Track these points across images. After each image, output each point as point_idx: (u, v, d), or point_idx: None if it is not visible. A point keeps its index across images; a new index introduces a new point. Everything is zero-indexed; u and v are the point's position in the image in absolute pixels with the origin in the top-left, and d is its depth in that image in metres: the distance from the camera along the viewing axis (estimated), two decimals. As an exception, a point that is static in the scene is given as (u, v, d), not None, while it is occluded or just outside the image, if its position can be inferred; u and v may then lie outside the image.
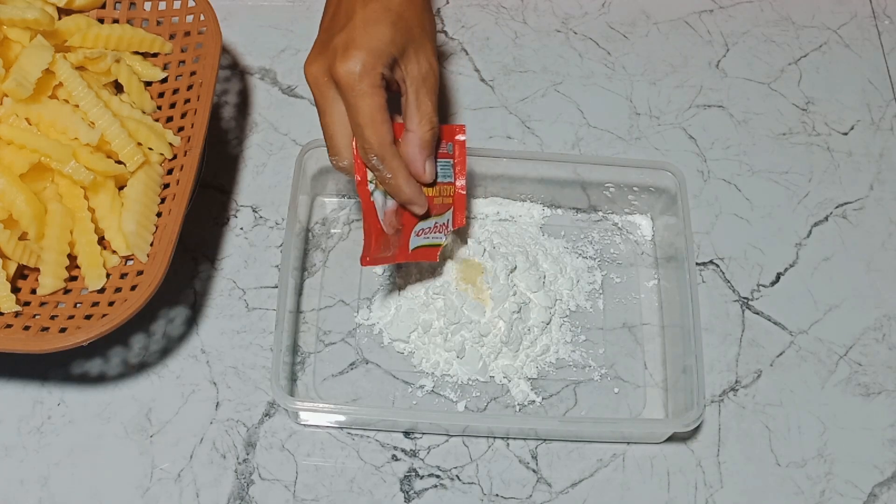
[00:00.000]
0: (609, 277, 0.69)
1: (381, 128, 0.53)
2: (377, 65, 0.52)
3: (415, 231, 0.59)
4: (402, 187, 0.56)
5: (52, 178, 0.61)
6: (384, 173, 0.55)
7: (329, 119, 0.55)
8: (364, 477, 0.61)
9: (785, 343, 0.67)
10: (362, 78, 0.52)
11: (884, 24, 0.83)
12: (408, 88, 0.55)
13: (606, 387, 0.65)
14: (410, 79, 0.55)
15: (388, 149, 0.54)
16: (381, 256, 0.58)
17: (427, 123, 0.56)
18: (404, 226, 0.59)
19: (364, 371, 0.65)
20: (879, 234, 0.72)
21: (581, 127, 0.76)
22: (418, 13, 0.56)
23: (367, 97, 0.52)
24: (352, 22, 0.53)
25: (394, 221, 0.59)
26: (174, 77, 0.67)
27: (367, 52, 0.52)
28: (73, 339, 0.54)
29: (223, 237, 0.69)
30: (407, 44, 0.54)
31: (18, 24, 0.61)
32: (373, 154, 0.54)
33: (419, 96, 0.55)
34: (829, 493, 0.62)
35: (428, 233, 0.59)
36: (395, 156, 0.55)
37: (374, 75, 0.52)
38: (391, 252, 0.58)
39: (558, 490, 0.61)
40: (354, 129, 0.54)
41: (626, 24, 0.81)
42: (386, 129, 0.53)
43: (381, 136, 0.53)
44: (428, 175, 0.57)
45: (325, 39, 0.55)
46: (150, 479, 0.60)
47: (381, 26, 0.53)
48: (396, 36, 0.53)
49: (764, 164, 0.75)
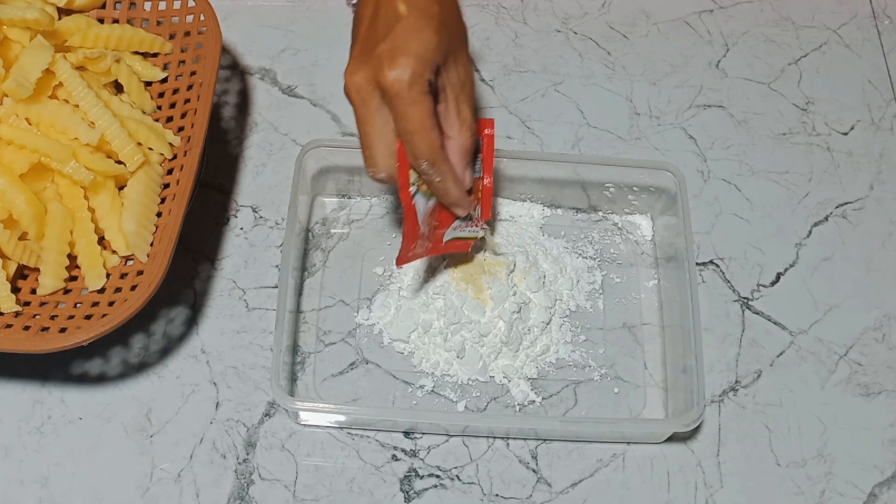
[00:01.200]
0: (609, 277, 0.69)
1: (431, 133, 0.53)
2: (425, 72, 0.52)
3: (452, 226, 0.60)
4: (450, 190, 0.57)
5: (52, 178, 0.61)
6: (433, 177, 0.55)
7: (370, 128, 0.54)
8: (364, 477, 0.61)
9: (785, 343, 0.67)
10: (412, 85, 0.51)
11: (884, 24, 0.83)
12: (448, 96, 0.55)
13: (606, 387, 0.65)
14: (451, 86, 0.55)
15: (439, 153, 0.54)
16: (415, 254, 0.59)
17: (468, 130, 0.56)
18: (440, 223, 0.60)
19: (364, 371, 0.65)
20: (879, 234, 0.72)
21: (581, 127, 0.76)
22: (456, 21, 0.56)
23: (417, 104, 0.52)
24: (395, 30, 0.53)
25: (431, 221, 0.59)
26: (174, 77, 0.67)
27: (415, 59, 0.52)
28: (73, 339, 0.54)
29: (223, 237, 0.69)
30: (448, 51, 0.54)
31: (18, 24, 0.61)
32: (424, 160, 0.54)
33: (459, 103, 0.56)
34: (829, 493, 0.62)
35: (464, 227, 0.60)
36: (445, 160, 0.55)
37: (423, 82, 0.52)
38: (424, 247, 0.59)
39: (558, 490, 0.61)
40: (404, 136, 0.53)
41: (626, 24, 0.81)
42: (435, 134, 0.54)
43: (432, 141, 0.53)
44: (467, 182, 0.58)
45: (366, 48, 0.54)
46: (150, 479, 0.60)
47: (426, 33, 0.52)
48: (441, 43, 0.53)
49: (764, 164, 0.75)
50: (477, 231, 0.60)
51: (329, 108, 0.75)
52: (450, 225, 0.60)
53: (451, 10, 0.56)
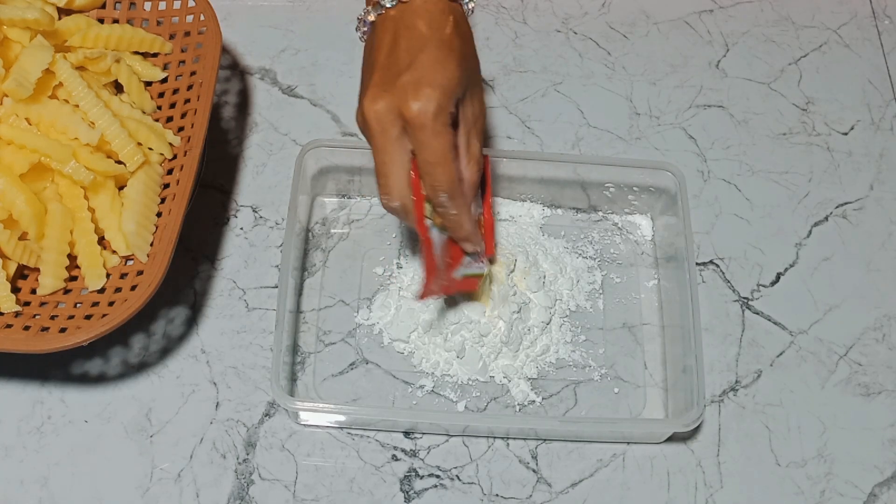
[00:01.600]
0: (609, 277, 0.69)
1: (451, 166, 0.53)
2: (449, 104, 0.52)
3: (462, 262, 0.59)
4: (464, 224, 0.56)
5: (52, 178, 0.61)
6: (450, 210, 0.55)
7: (388, 158, 0.53)
8: (364, 477, 0.61)
9: (785, 343, 0.67)
10: (436, 117, 0.51)
11: (884, 24, 0.83)
12: (461, 130, 0.55)
13: (606, 387, 0.65)
14: (465, 120, 0.55)
15: (458, 186, 0.54)
16: (433, 289, 0.59)
17: (475, 165, 0.56)
18: (453, 260, 0.59)
19: (364, 371, 0.65)
20: (879, 234, 0.72)
21: (581, 127, 0.76)
22: (473, 55, 0.56)
23: (441, 136, 0.52)
24: (418, 60, 0.52)
25: (445, 256, 0.59)
26: (174, 77, 0.67)
27: (440, 91, 0.51)
28: (73, 339, 0.54)
29: (223, 237, 0.69)
30: (468, 85, 0.54)
31: (18, 24, 0.61)
32: (443, 192, 0.54)
33: (469, 138, 0.55)
34: (829, 493, 0.62)
35: (471, 264, 0.59)
36: (462, 193, 0.55)
37: (446, 114, 0.52)
38: (441, 285, 0.59)
39: (558, 490, 0.61)
40: (425, 167, 0.53)
41: (626, 24, 0.81)
42: (455, 167, 0.53)
43: (451, 174, 0.53)
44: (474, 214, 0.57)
45: (387, 78, 0.53)
46: (150, 479, 0.60)
47: (450, 66, 0.52)
48: (462, 76, 0.53)
49: (764, 164, 0.75)
50: (483, 268, 0.60)
51: (329, 108, 0.75)
52: (459, 261, 0.59)
53: (470, 45, 0.56)
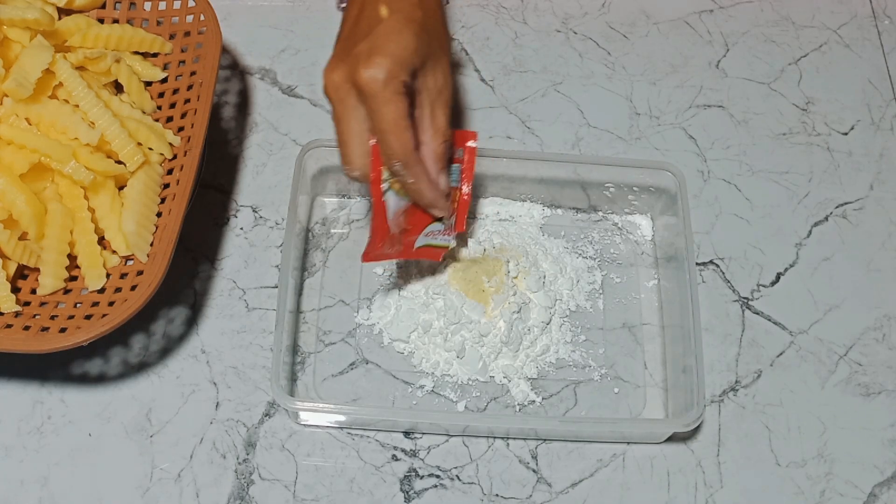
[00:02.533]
0: (609, 277, 0.69)
1: (404, 134, 0.53)
2: (400, 72, 0.52)
3: (424, 232, 0.59)
4: (423, 191, 0.57)
5: (52, 178, 0.61)
6: (407, 178, 0.56)
7: (346, 127, 0.55)
8: (364, 477, 0.61)
9: (785, 343, 0.67)
10: (386, 84, 0.52)
11: (884, 24, 0.83)
12: (423, 101, 0.55)
13: (606, 387, 0.65)
14: (427, 91, 0.55)
15: (412, 155, 0.55)
16: (383, 253, 0.59)
17: (440, 136, 0.56)
18: (412, 226, 0.60)
19: (364, 371, 0.65)
20: (879, 234, 0.72)
21: (581, 127, 0.76)
22: (438, 28, 0.57)
23: (391, 104, 0.52)
24: (375, 31, 0.53)
25: (401, 222, 0.60)
26: (174, 77, 0.67)
27: (391, 60, 0.52)
28: (73, 339, 0.54)
29: (223, 237, 0.69)
30: (427, 56, 0.54)
31: (18, 24, 0.61)
32: (396, 160, 0.54)
33: (434, 109, 0.56)
34: (829, 493, 0.62)
35: (437, 235, 0.60)
36: (418, 161, 0.56)
37: (397, 83, 0.52)
38: (394, 249, 0.59)
39: (558, 490, 0.61)
40: (378, 135, 0.54)
41: (626, 24, 0.81)
42: (409, 135, 0.54)
43: (405, 142, 0.54)
44: (443, 185, 0.58)
45: (345, 48, 0.55)
46: (150, 479, 0.60)
47: (405, 35, 0.53)
48: (419, 46, 0.53)
49: (764, 164, 0.75)
50: (449, 240, 0.60)
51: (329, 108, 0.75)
52: (422, 230, 0.59)
53: (435, 17, 0.56)
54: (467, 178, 0.61)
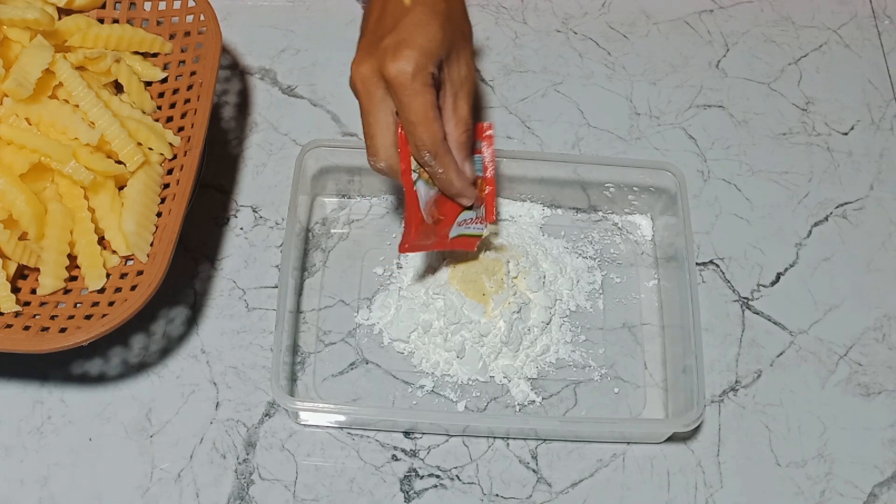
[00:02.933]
0: (609, 277, 0.69)
1: (433, 125, 0.54)
2: (428, 64, 0.53)
3: (457, 221, 0.60)
4: (453, 181, 0.58)
5: (52, 178, 0.61)
6: (436, 168, 0.57)
7: (373, 118, 0.55)
8: (364, 477, 0.61)
9: (785, 343, 0.67)
10: (415, 76, 0.53)
11: (884, 24, 0.83)
12: (447, 91, 0.56)
13: (606, 387, 0.65)
14: (451, 82, 0.56)
15: (441, 145, 0.55)
16: (419, 244, 0.59)
17: (462, 126, 0.57)
18: (445, 216, 0.60)
19: (364, 371, 0.65)
20: (879, 234, 0.72)
21: (581, 127, 0.76)
22: (461, 18, 0.58)
23: (420, 95, 0.53)
24: (401, 23, 0.54)
25: (434, 212, 0.60)
26: (174, 77, 0.67)
27: (419, 52, 0.53)
28: (73, 339, 0.54)
29: (223, 237, 0.69)
30: (452, 47, 0.55)
31: (18, 24, 0.61)
32: (426, 151, 0.55)
33: (457, 100, 0.57)
34: (829, 493, 0.62)
35: (469, 223, 0.60)
36: (447, 151, 0.56)
37: (426, 74, 0.53)
38: (430, 241, 0.59)
39: (558, 490, 0.61)
40: (407, 126, 0.54)
41: (626, 24, 0.81)
42: (438, 126, 0.55)
43: (434, 133, 0.54)
44: (468, 173, 0.59)
45: (372, 41, 0.55)
46: (150, 479, 0.60)
47: (432, 27, 0.54)
48: (445, 38, 0.54)
49: (764, 164, 0.75)
50: (482, 228, 0.60)
51: (329, 108, 0.75)
52: (454, 219, 0.60)
53: (458, 8, 0.57)
54: (490, 168, 0.61)
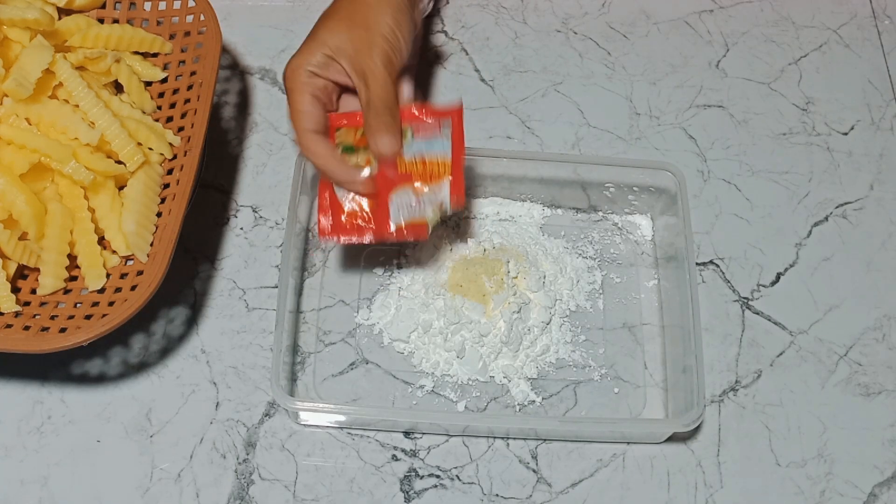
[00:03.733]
0: (609, 277, 0.69)
1: (295, 116, 0.58)
2: (303, 63, 0.58)
3: (392, 204, 0.58)
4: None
5: (52, 178, 0.61)
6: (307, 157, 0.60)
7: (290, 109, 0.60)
8: (364, 477, 0.61)
9: (785, 343, 0.67)
10: (290, 76, 0.58)
11: (884, 24, 0.83)
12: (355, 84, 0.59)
13: (606, 387, 0.65)
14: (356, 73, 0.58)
15: (303, 136, 0.58)
16: (348, 229, 0.59)
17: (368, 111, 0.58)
18: (376, 203, 0.59)
19: (364, 371, 0.65)
20: (879, 234, 0.72)
21: (581, 127, 0.76)
22: (364, 22, 0.59)
23: (293, 92, 0.58)
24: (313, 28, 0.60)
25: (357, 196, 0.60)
26: (174, 77, 0.67)
27: (298, 54, 0.58)
28: (73, 339, 0.54)
29: (223, 237, 0.69)
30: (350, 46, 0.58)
31: (18, 24, 0.61)
32: (296, 141, 0.59)
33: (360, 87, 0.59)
34: (829, 493, 0.62)
35: (410, 208, 0.58)
36: (312, 143, 0.58)
37: (300, 72, 0.58)
38: (367, 232, 0.59)
39: (558, 490, 0.61)
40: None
41: (626, 24, 0.81)
42: (299, 118, 0.58)
43: (295, 123, 0.59)
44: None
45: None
46: (150, 479, 0.60)
47: (321, 32, 0.59)
48: (332, 39, 0.58)
49: (764, 164, 0.75)
50: (425, 212, 0.58)
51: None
52: (387, 196, 0.58)
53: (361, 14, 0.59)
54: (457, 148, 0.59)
